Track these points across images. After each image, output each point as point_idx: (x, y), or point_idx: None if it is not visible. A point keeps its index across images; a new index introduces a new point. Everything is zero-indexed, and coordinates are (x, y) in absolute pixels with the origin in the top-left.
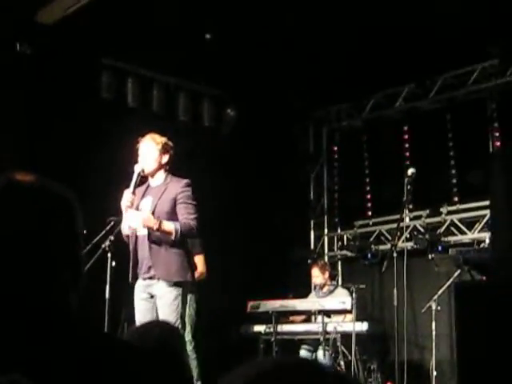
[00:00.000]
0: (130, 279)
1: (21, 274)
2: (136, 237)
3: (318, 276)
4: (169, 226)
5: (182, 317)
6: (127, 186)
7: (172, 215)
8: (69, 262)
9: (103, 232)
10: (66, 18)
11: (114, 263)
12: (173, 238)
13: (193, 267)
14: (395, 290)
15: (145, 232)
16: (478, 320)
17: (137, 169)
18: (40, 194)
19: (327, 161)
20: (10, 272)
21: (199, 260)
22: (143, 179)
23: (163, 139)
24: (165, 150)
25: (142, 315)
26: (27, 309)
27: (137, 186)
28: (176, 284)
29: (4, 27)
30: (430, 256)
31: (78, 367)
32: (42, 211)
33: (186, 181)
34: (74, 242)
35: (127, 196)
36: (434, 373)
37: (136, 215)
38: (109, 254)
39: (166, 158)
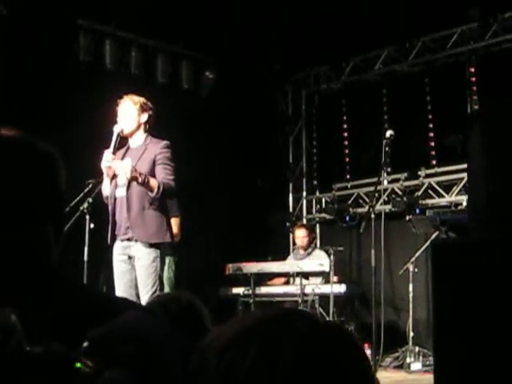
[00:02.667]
0: (109, 241)
1: (4, 227)
2: (115, 198)
3: (304, 236)
4: (152, 181)
5: (161, 278)
6: (107, 147)
7: (151, 175)
8: (51, 218)
9: (82, 194)
10: None
11: (92, 225)
12: (153, 194)
13: (171, 229)
14: (373, 252)
15: (123, 193)
16: (455, 279)
17: (116, 129)
18: (25, 149)
19: (306, 124)
20: None
21: (175, 222)
22: (123, 141)
23: (141, 99)
24: (143, 109)
25: (120, 277)
26: (10, 260)
27: (116, 146)
28: (154, 245)
29: None
30: (407, 218)
31: (61, 320)
32: (27, 166)
33: (165, 142)
34: (57, 199)
35: (107, 156)
36: (411, 334)
37: (125, 164)
38: (87, 216)
39: (144, 117)
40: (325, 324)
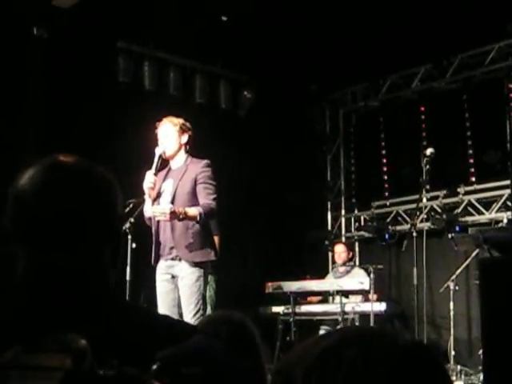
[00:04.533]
0: (153, 262)
1: (67, 252)
2: None
3: (343, 252)
4: (192, 212)
5: (204, 297)
6: (148, 169)
7: (192, 196)
8: (110, 240)
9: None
10: (82, 1)
11: (134, 245)
12: (196, 221)
13: (215, 247)
14: (415, 270)
15: None
16: (503, 296)
17: (158, 151)
18: (83, 175)
19: (344, 142)
20: (57, 249)
21: (215, 241)
22: (165, 162)
23: (180, 120)
24: (183, 130)
25: (163, 296)
26: (73, 285)
27: (158, 168)
28: (198, 264)
29: (21, 11)
30: (449, 235)
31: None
32: (86, 191)
33: (205, 161)
34: (114, 221)
35: (149, 177)
36: (452, 352)
37: (159, 209)
38: (129, 236)
39: (185, 138)
40: (405, 344)
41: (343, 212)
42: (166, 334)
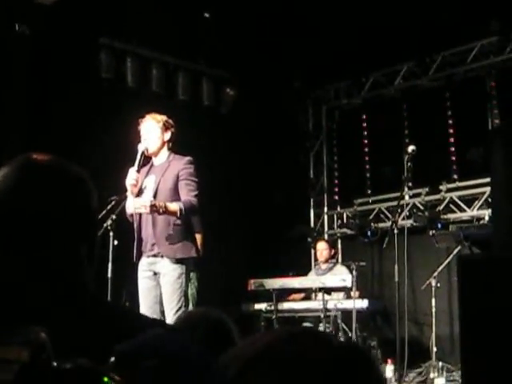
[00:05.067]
0: (135, 259)
1: (41, 250)
2: (140, 215)
3: (325, 249)
4: (173, 206)
5: (186, 295)
6: (131, 165)
7: (174, 192)
8: (85, 239)
9: (104, 211)
10: None
11: (115, 242)
12: (176, 216)
13: (196, 244)
14: (396, 267)
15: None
16: (482, 293)
17: (140, 148)
18: (57, 173)
19: (327, 139)
20: (30, 248)
21: (197, 238)
22: (147, 159)
23: (163, 117)
24: (166, 127)
25: (145, 293)
26: (47, 282)
27: (141, 165)
28: (180, 261)
29: (2, 8)
30: (430, 232)
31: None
32: (60, 189)
33: (188, 158)
34: (89, 219)
35: (132, 174)
36: (434, 349)
37: (140, 202)
38: (111, 233)
39: (168, 135)
40: (340, 345)
41: (326, 209)
42: (138, 329)
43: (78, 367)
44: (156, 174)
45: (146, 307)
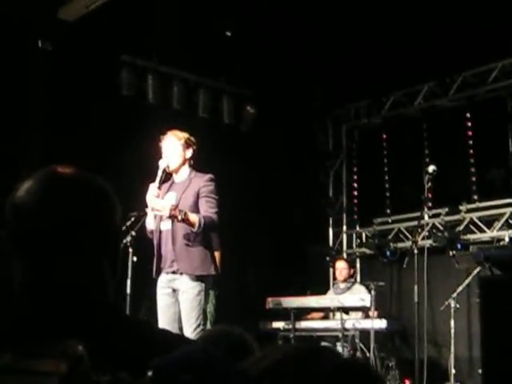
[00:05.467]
0: (154, 275)
1: (65, 261)
2: (160, 232)
3: (344, 268)
4: (193, 217)
5: (205, 312)
6: (151, 182)
7: (195, 209)
8: (108, 252)
9: (124, 227)
10: (87, 14)
11: (135, 258)
12: (195, 229)
13: (215, 262)
14: (416, 287)
15: (168, 226)
16: (503, 314)
17: (162, 164)
18: (81, 186)
19: (346, 158)
20: (56, 259)
21: (216, 256)
22: (168, 176)
23: (185, 134)
24: (187, 144)
25: (164, 310)
26: (70, 297)
27: (162, 181)
28: (199, 279)
29: (26, 24)
30: (450, 253)
31: (122, 354)
32: (85, 202)
33: (209, 176)
34: (112, 234)
35: (153, 190)
36: (453, 371)
37: (164, 203)
38: (130, 249)
39: (189, 153)
40: (343, 362)
41: (345, 228)
42: (162, 344)
43: (118, 381)
44: (177, 191)
45: (165, 324)
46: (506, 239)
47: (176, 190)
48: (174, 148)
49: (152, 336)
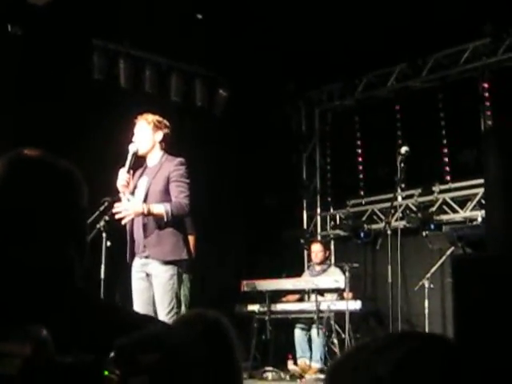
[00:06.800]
0: (128, 259)
1: (29, 244)
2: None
3: (320, 251)
4: (158, 209)
5: (178, 296)
6: (122, 166)
7: (165, 194)
8: (74, 234)
9: (97, 212)
10: None
11: (108, 243)
12: (165, 220)
13: (188, 246)
14: (389, 268)
15: None
16: (476, 294)
17: (131, 148)
18: (48, 168)
19: (320, 141)
20: (20, 242)
21: (190, 240)
22: (141, 160)
23: (155, 117)
24: (157, 127)
25: (138, 294)
26: (36, 278)
27: (131, 165)
28: (171, 263)
29: None
30: (423, 233)
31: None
32: (50, 184)
33: (179, 159)
34: (79, 215)
35: (122, 175)
36: None
37: (125, 205)
38: (103, 234)
39: (159, 136)
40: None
41: (319, 211)
42: (129, 325)
43: (80, 361)
44: (148, 176)
45: (139, 308)
46: (479, 219)
47: (148, 174)
48: (143, 131)
49: (119, 318)
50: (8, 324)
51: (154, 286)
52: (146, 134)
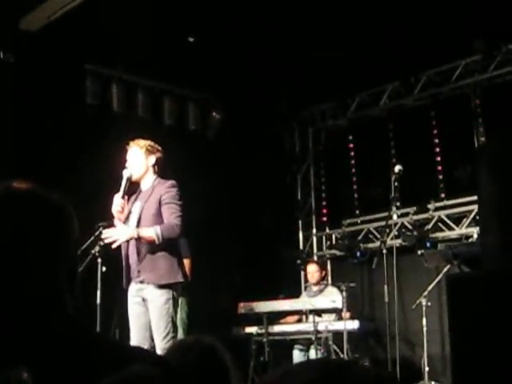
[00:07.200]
0: (124, 285)
1: (19, 276)
2: (128, 242)
3: (316, 271)
4: (149, 232)
5: (173, 320)
6: (117, 191)
7: (158, 217)
8: (64, 265)
9: (92, 238)
10: (50, 24)
11: (104, 268)
12: (156, 242)
13: (183, 268)
14: (386, 287)
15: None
16: (472, 312)
17: (125, 174)
18: (37, 202)
19: (314, 161)
20: (10, 274)
21: (186, 263)
22: (135, 185)
23: (147, 142)
24: (149, 151)
25: (134, 319)
26: (26, 308)
27: (126, 190)
28: (166, 287)
29: None
30: (419, 252)
31: (77, 368)
32: (38, 217)
33: (170, 182)
34: (69, 247)
35: (117, 201)
36: (426, 368)
37: (115, 231)
38: (99, 260)
39: (152, 160)
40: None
41: (314, 231)
42: (117, 360)
43: None
44: (141, 200)
45: (136, 333)
46: (475, 236)
47: (141, 198)
48: (136, 157)
49: (110, 352)
50: None
51: (150, 311)
52: (139, 159)
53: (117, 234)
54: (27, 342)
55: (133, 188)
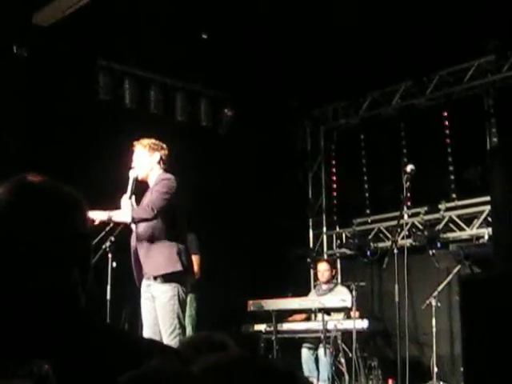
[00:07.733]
0: (137, 283)
1: (33, 271)
2: (131, 237)
3: (326, 270)
4: (120, 216)
5: (179, 317)
6: (126, 190)
7: None
8: (78, 260)
9: (103, 233)
10: (63, 19)
11: (114, 264)
12: (128, 222)
13: (184, 258)
14: (396, 287)
15: (134, 234)
16: (484, 313)
17: (131, 175)
18: (51, 195)
19: (325, 159)
20: (23, 269)
21: (195, 260)
22: (143, 184)
23: (150, 140)
24: (153, 149)
25: (146, 315)
26: (39, 305)
27: (133, 191)
28: (168, 280)
29: (0, 30)
30: (430, 252)
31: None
32: (52, 211)
33: (166, 175)
34: (83, 241)
35: (125, 202)
36: (435, 369)
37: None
38: (109, 255)
39: (156, 157)
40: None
41: (325, 229)
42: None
43: None
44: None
45: (148, 328)
46: (486, 237)
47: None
48: (140, 155)
49: (125, 347)
50: (11, 360)
51: (156, 308)
52: (144, 157)
53: (92, 215)
54: (45, 336)
55: (142, 187)
